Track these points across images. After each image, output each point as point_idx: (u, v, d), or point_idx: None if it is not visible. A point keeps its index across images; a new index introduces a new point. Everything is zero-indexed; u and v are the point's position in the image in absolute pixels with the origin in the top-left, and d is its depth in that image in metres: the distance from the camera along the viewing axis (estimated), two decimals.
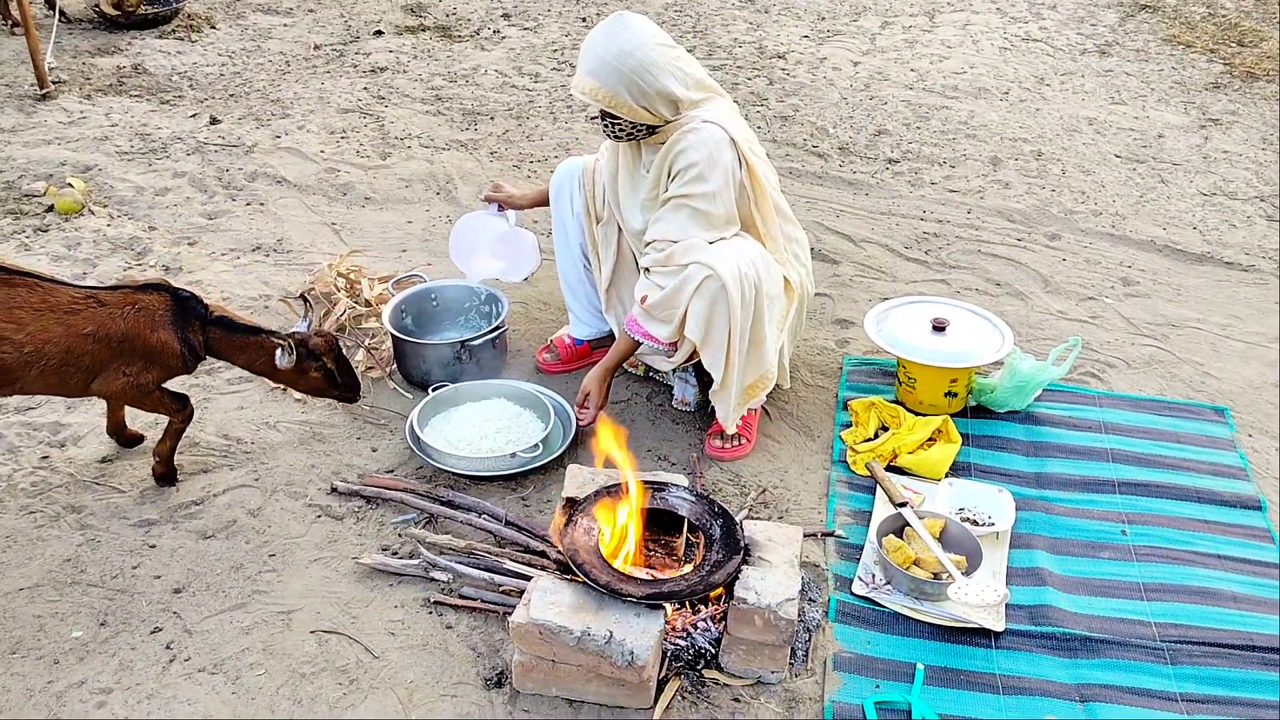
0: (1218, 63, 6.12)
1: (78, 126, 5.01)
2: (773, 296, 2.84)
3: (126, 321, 2.61)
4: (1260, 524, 2.80)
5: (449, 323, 3.52)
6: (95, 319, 2.58)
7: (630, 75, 2.66)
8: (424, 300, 3.47)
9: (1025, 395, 3.15)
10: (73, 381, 2.62)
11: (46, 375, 2.57)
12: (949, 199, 4.57)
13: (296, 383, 2.88)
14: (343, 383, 2.91)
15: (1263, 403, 3.30)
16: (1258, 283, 3.97)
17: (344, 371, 2.91)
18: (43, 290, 2.55)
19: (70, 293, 2.59)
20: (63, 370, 2.58)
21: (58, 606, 2.50)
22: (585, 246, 3.24)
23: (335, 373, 2.88)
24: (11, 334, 2.49)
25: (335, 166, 4.74)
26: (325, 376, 2.86)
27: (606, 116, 2.78)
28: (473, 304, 3.52)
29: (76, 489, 2.85)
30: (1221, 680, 2.35)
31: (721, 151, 2.73)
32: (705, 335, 2.76)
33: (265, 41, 6.29)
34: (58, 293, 2.57)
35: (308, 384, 2.88)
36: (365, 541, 2.70)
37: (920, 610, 2.48)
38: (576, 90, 2.74)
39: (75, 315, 2.56)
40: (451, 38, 6.43)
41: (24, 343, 2.50)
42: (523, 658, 2.25)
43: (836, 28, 6.65)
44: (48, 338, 2.53)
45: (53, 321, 2.54)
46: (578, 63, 2.76)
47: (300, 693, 2.29)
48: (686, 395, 3.17)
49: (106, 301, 2.61)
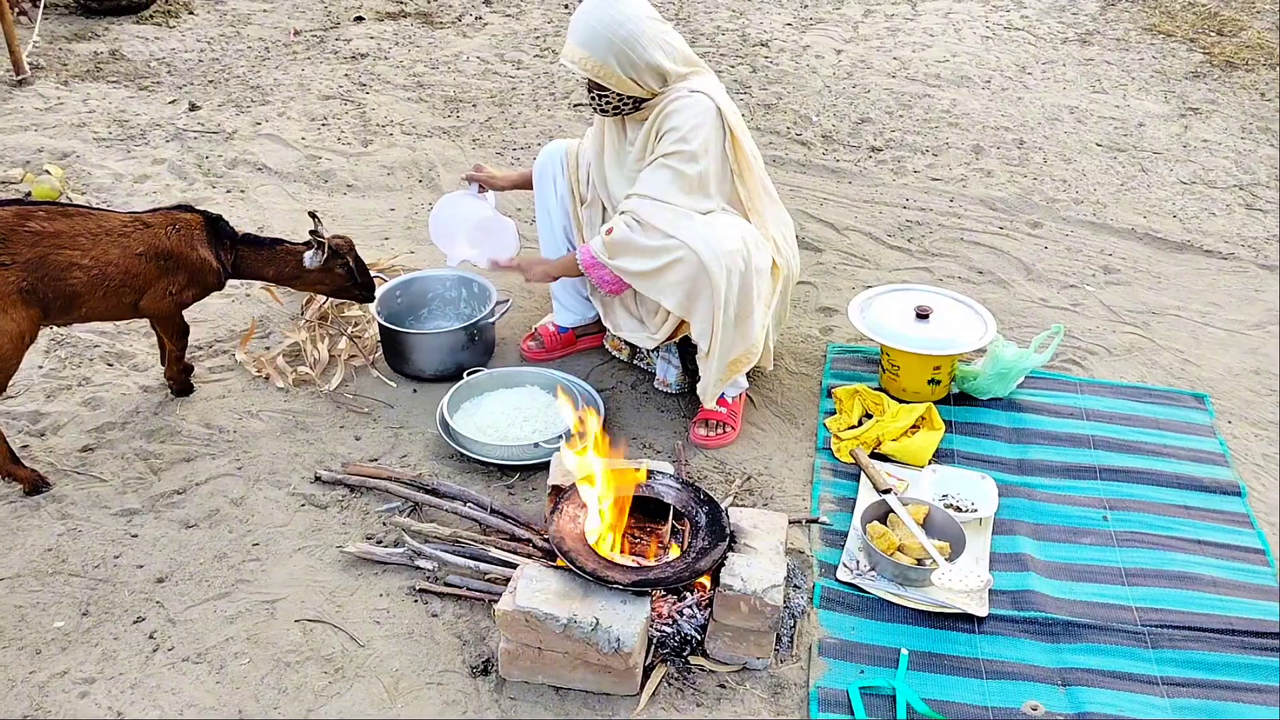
0: (1198, 52, 6.16)
1: (55, 113, 4.96)
2: (761, 271, 2.84)
3: (171, 240, 2.83)
4: (1239, 509, 2.83)
5: (422, 312, 3.48)
6: (144, 239, 2.79)
7: (620, 46, 2.68)
8: (390, 293, 3.40)
9: (1008, 382, 3.17)
10: (126, 302, 2.82)
11: (108, 297, 2.76)
12: (932, 187, 4.58)
13: (321, 283, 3.10)
14: (362, 281, 3.13)
15: (1242, 389, 3.33)
16: (1237, 270, 4.00)
17: (362, 271, 3.13)
18: (96, 217, 2.75)
19: (119, 217, 2.80)
20: (120, 291, 2.78)
21: (39, 596, 2.48)
22: (569, 230, 3.23)
23: (355, 271, 3.09)
24: (79, 259, 2.68)
25: (316, 154, 4.70)
26: (348, 274, 3.08)
27: (594, 89, 2.80)
28: (437, 292, 3.49)
29: (57, 478, 2.83)
30: (1201, 664, 2.37)
31: (706, 119, 2.76)
32: (690, 308, 2.78)
33: (244, 27, 6.23)
34: (109, 218, 2.77)
35: (332, 283, 3.10)
36: (349, 530, 2.69)
37: (904, 596, 2.49)
38: (566, 59, 2.75)
39: (128, 238, 2.77)
40: (433, 24, 6.40)
41: (91, 266, 2.70)
42: (509, 645, 2.25)
43: (819, 15, 6.64)
44: (109, 259, 2.73)
45: (110, 245, 2.73)
46: (568, 33, 2.77)
47: (285, 681, 2.28)
48: (668, 376, 3.16)
49: (150, 223, 2.82)
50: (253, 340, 3.40)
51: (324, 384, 3.22)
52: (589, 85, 2.81)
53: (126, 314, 2.88)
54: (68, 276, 2.66)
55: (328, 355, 3.32)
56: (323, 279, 3.08)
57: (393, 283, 3.41)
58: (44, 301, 2.65)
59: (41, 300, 2.64)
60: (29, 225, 2.63)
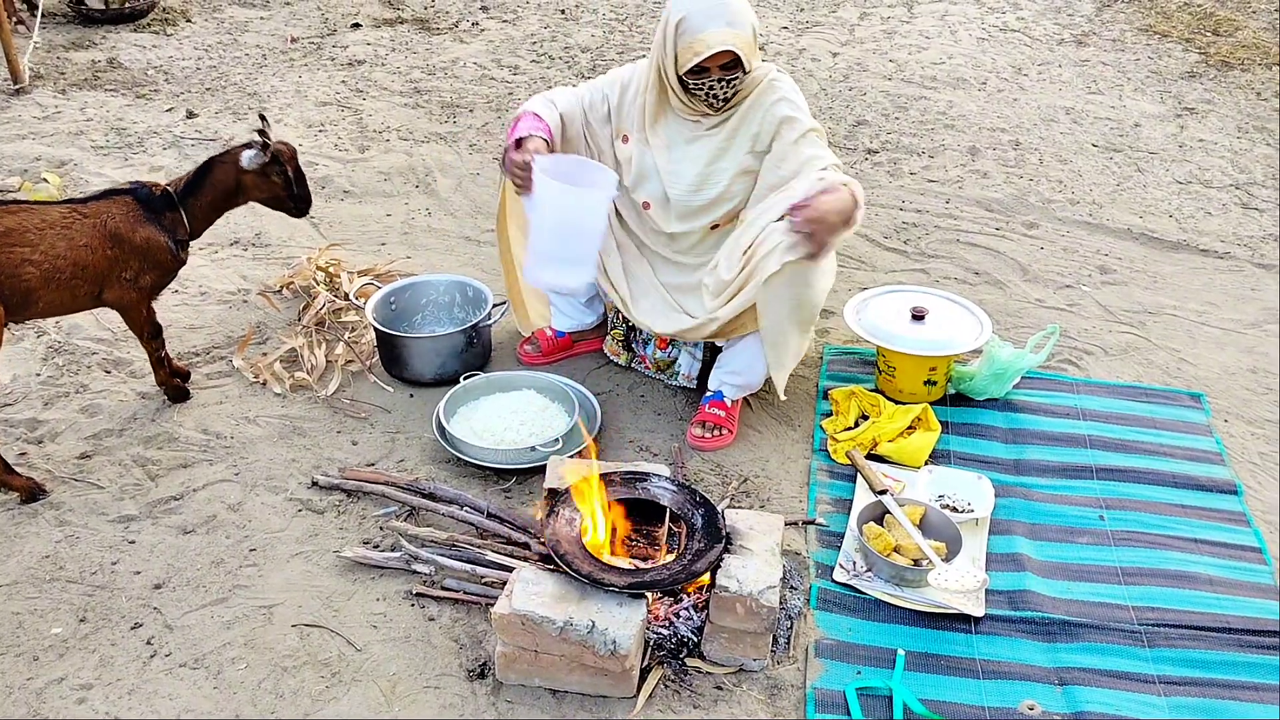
0: (1193, 52, 6.16)
1: (53, 121, 4.97)
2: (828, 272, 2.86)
3: (111, 224, 2.80)
4: (1236, 508, 2.83)
5: (417, 317, 3.48)
6: (85, 229, 2.77)
7: (749, 14, 2.74)
8: (386, 298, 3.39)
9: (1004, 383, 3.17)
10: (82, 293, 2.81)
11: (62, 290, 2.76)
12: (928, 189, 4.58)
13: (257, 189, 3.02)
14: (299, 193, 3.08)
15: (1238, 388, 3.33)
16: (1233, 270, 4.01)
17: (300, 182, 3.08)
18: (39, 211, 2.76)
19: (58, 209, 2.79)
20: (74, 283, 2.77)
21: (36, 603, 2.49)
22: None
23: (294, 181, 3.04)
24: (29, 255, 2.68)
25: (313, 159, 4.71)
26: (284, 182, 3.02)
27: (726, 75, 2.76)
28: (433, 297, 3.48)
29: (54, 485, 2.83)
30: (1198, 662, 2.37)
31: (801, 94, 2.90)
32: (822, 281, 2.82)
33: (241, 35, 6.25)
34: (49, 212, 2.77)
35: (269, 190, 3.03)
36: (346, 535, 2.69)
37: (901, 597, 2.49)
38: (721, 45, 2.67)
39: (69, 229, 2.76)
40: (430, 30, 6.41)
41: (41, 260, 2.69)
42: (505, 648, 2.25)
43: (815, 19, 6.65)
44: (57, 253, 2.72)
45: (55, 237, 2.72)
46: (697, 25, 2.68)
47: (282, 686, 2.29)
48: (692, 371, 3.15)
49: (87, 212, 2.80)
50: (250, 346, 3.41)
51: (321, 389, 3.22)
52: (718, 76, 2.75)
53: (86, 305, 2.87)
54: (21, 273, 2.66)
55: (325, 360, 3.33)
56: (259, 184, 3.00)
57: (389, 287, 3.41)
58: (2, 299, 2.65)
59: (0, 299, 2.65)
60: None
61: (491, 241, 4.11)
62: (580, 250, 2.66)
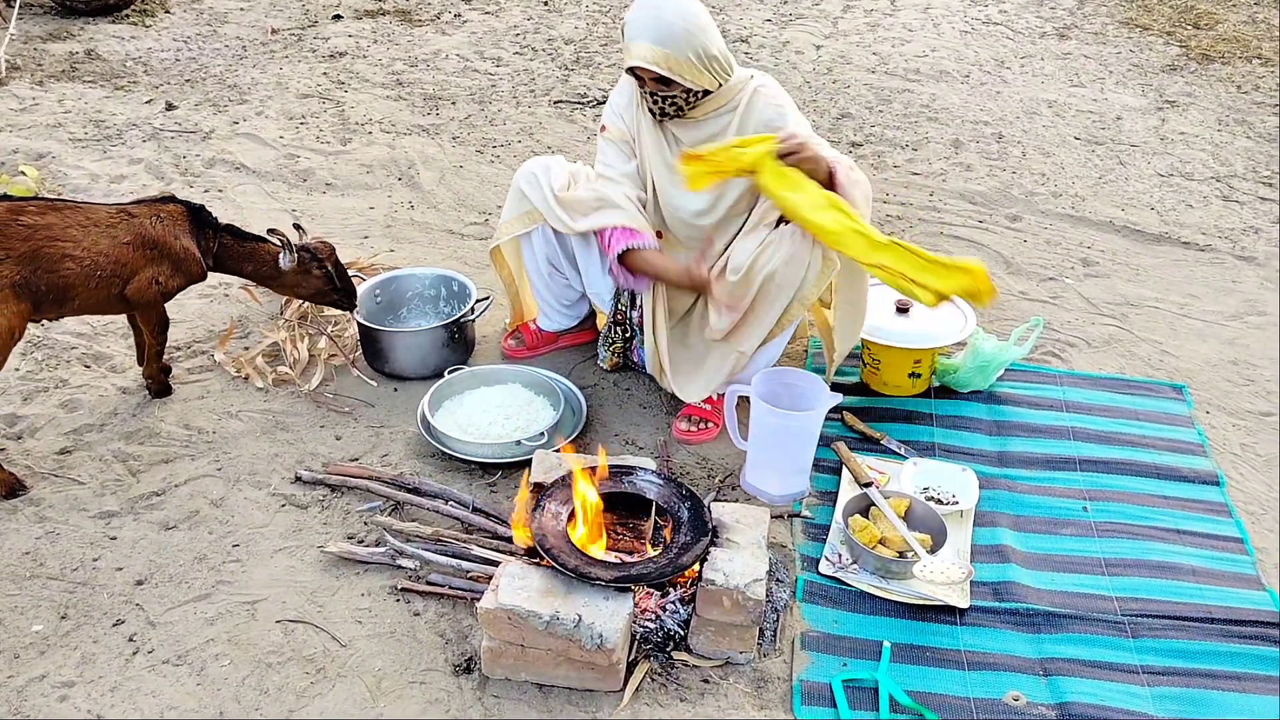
0: (1174, 45, 6.20)
1: (30, 113, 4.92)
2: None
3: (155, 229, 2.85)
4: (1218, 499, 2.85)
5: (402, 311, 3.46)
6: (131, 229, 2.82)
7: (697, 37, 2.65)
8: (370, 291, 3.37)
9: (988, 375, 3.18)
10: (115, 292, 2.84)
11: (99, 288, 2.79)
12: (911, 181, 4.59)
13: (300, 286, 3.09)
14: (342, 288, 3.13)
15: (1220, 380, 3.35)
16: (1214, 262, 4.03)
17: (343, 277, 3.13)
18: (84, 209, 2.79)
19: (104, 209, 2.83)
20: (110, 281, 2.81)
21: (17, 600, 2.46)
22: (552, 258, 3.15)
23: (335, 276, 3.09)
24: (71, 251, 2.72)
25: (295, 152, 4.68)
26: (326, 279, 3.09)
27: (657, 91, 2.74)
28: (417, 290, 3.47)
29: (35, 481, 2.80)
30: (1181, 652, 2.39)
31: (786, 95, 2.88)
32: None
33: (221, 26, 6.20)
34: (95, 211, 2.81)
35: (311, 286, 3.10)
36: (330, 530, 2.68)
37: (886, 589, 2.50)
38: (639, 60, 2.66)
39: (115, 228, 2.80)
40: (412, 22, 6.37)
41: (83, 257, 2.73)
42: (491, 643, 2.24)
43: (799, 11, 6.65)
44: (100, 250, 2.76)
45: (99, 235, 2.77)
46: (630, 34, 2.68)
47: (267, 682, 2.27)
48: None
49: (135, 214, 2.85)
50: (232, 340, 3.38)
51: (304, 384, 3.20)
52: (650, 89, 2.74)
53: (113, 306, 2.89)
54: (60, 268, 2.69)
55: (307, 355, 3.31)
56: (300, 282, 3.08)
57: (372, 281, 3.39)
58: (36, 295, 2.68)
59: (34, 294, 2.67)
60: (21, 219, 2.65)
61: (475, 235, 4.10)
62: (801, 462, 2.77)
